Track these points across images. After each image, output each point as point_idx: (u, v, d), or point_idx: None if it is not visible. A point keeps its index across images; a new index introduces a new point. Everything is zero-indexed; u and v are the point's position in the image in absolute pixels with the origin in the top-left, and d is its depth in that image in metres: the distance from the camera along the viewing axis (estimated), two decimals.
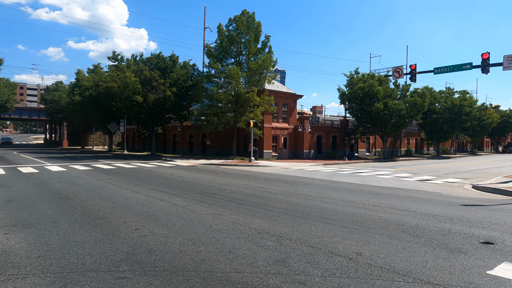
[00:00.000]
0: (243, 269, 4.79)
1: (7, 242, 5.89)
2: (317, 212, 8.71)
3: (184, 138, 41.48)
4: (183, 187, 13.09)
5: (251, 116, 29.88)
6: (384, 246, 5.89)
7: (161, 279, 4.42)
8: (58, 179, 15.02)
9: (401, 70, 34.88)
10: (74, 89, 46.10)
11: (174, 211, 8.59)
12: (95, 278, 4.45)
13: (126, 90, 32.13)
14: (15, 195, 10.66)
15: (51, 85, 62.50)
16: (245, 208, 9.13)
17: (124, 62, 39.36)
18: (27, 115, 68.61)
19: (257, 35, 31.80)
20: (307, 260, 5.16)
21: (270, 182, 15.28)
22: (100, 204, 9.33)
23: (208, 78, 33.03)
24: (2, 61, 35.13)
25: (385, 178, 17.84)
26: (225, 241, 6.08)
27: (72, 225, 7.05)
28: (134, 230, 6.71)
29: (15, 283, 4.29)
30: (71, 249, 5.57)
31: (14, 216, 7.84)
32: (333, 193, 12.31)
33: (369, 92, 35.76)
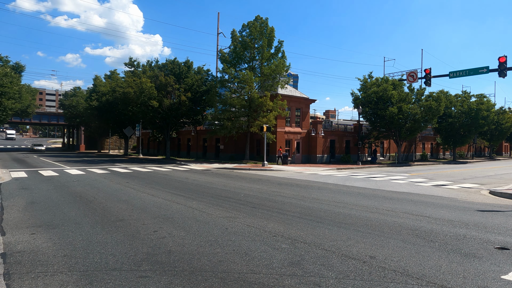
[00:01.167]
0: (259, 270, 4.95)
1: (34, 242, 6.21)
2: (331, 216, 8.80)
3: (198, 142, 41.98)
4: (198, 190, 13.34)
5: (264, 120, 30.08)
6: (398, 250, 5.95)
7: (180, 279, 4.61)
8: (77, 182, 15.50)
9: (415, 74, 34.51)
10: (91, 95, 47.32)
11: (191, 214, 8.81)
12: (119, 276, 4.68)
13: (142, 95, 32.82)
14: (38, 197, 11.10)
15: (69, 91, 64.28)
16: (260, 211, 9.28)
17: (140, 68, 40.23)
18: (46, 120, 70.64)
19: (270, 40, 32.09)
20: (321, 262, 5.28)
21: (283, 186, 15.39)
22: (119, 207, 9.64)
23: (221, 83, 33.45)
24: (24, 68, 36.42)
25: (400, 183, 17.71)
26: (241, 243, 6.25)
27: (93, 226, 7.34)
28: (153, 232, 6.95)
29: (44, 280, 4.55)
30: (94, 249, 5.83)
31: (39, 217, 8.20)
32: (346, 197, 12.34)
33: (383, 96, 35.50)
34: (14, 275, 4.67)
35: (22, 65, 36.60)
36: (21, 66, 36.43)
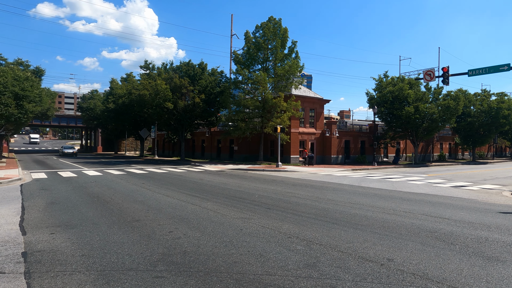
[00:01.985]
0: (274, 272, 4.91)
1: (54, 241, 6.34)
2: (347, 218, 8.67)
3: (212, 143, 42.22)
4: (213, 191, 13.39)
5: (278, 121, 30.00)
6: (417, 253, 5.80)
7: (196, 279, 4.62)
8: (95, 183, 15.79)
9: (432, 72, 33.84)
10: (108, 97, 48.26)
11: (205, 214, 8.84)
12: (135, 276, 4.72)
13: (157, 98, 33.25)
14: (57, 198, 11.36)
15: (87, 94, 65.73)
16: (274, 212, 9.24)
17: (155, 70, 40.77)
18: (65, 122, 72.40)
19: (283, 41, 32.01)
20: (338, 264, 5.20)
21: (298, 187, 15.29)
22: (135, 207, 9.76)
23: (235, 85, 33.56)
24: (44, 72, 37.47)
25: (417, 184, 17.34)
26: (256, 244, 6.22)
27: (110, 227, 7.45)
28: (168, 233, 6.99)
29: (63, 279, 4.63)
30: (111, 249, 5.90)
31: (58, 218, 8.38)
32: (362, 199, 12.15)
33: (399, 96, 34.90)
34: (34, 274, 4.77)
35: (42, 69, 37.68)
36: (41, 70, 37.50)
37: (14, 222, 7.82)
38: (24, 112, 27.32)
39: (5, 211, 9.08)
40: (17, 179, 16.49)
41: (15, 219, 8.19)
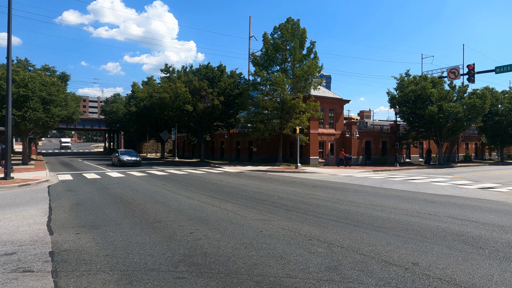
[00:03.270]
0: (295, 274, 4.85)
1: (79, 241, 6.52)
2: (369, 220, 8.49)
3: (231, 145, 42.44)
4: (232, 193, 13.43)
5: (297, 122, 29.82)
6: (443, 257, 5.60)
7: (216, 281, 4.63)
8: (118, 184, 16.17)
9: (457, 70, 32.72)
10: (130, 101, 49.40)
11: (225, 216, 8.87)
12: (157, 277, 4.78)
13: (177, 100, 33.75)
14: (82, 199, 11.69)
15: (110, 97, 67.59)
16: (294, 214, 9.16)
17: (175, 73, 41.42)
18: (89, 125, 74.73)
19: (302, 42, 31.83)
20: (360, 268, 5.09)
21: (318, 189, 15.12)
22: (157, 208, 9.92)
23: (254, 86, 33.61)
24: (69, 77, 38.82)
25: (442, 186, 16.81)
26: (276, 246, 6.18)
27: (133, 227, 7.59)
28: (189, 234, 7.06)
29: (88, 278, 4.75)
30: (133, 249, 6.01)
31: (83, 218, 8.62)
32: (384, 200, 11.89)
33: (421, 95, 33.98)
34: (61, 273, 4.92)
35: (68, 75, 39.03)
36: (66, 75, 38.85)
37: (42, 222, 8.10)
38: (51, 116, 28.36)
39: (33, 212, 9.42)
40: (45, 180, 17.09)
41: (43, 219, 8.48)
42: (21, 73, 27.39)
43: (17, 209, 9.76)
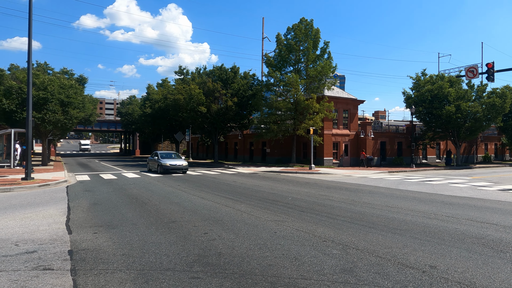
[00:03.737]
0: (310, 276, 4.83)
1: (97, 240, 6.65)
2: (384, 222, 8.37)
3: (244, 146, 42.54)
4: (246, 193, 13.46)
5: (310, 123, 29.66)
6: (462, 260, 5.47)
7: (231, 281, 4.64)
8: (133, 185, 16.43)
9: (475, 69, 31.96)
10: (145, 102, 50.16)
11: (239, 216, 8.90)
12: (172, 276, 4.83)
13: (191, 102, 34.08)
14: (99, 199, 11.93)
15: (125, 99, 68.80)
16: (308, 215, 9.11)
17: (189, 75, 41.84)
18: (105, 127, 76.16)
19: (315, 42, 31.65)
20: (376, 270, 5.02)
21: (332, 190, 15.00)
22: (171, 209, 10.03)
23: (267, 87, 33.62)
24: (87, 80, 39.69)
25: (460, 187, 16.41)
26: (290, 247, 6.16)
27: (148, 227, 7.70)
28: (203, 234, 7.11)
29: (105, 277, 4.84)
30: (149, 249, 6.10)
31: (100, 218, 8.79)
32: (400, 202, 11.69)
33: (438, 95, 33.29)
34: (79, 271, 5.03)
35: (85, 77, 39.91)
36: (84, 78, 39.74)
37: (61, 222, 8.31)
38: (69, 118, 29.06)
39: (53, 211, 9.67)
40: (63, 181, 17.52)
41: (62, 218, 8.70)
42: (41, 76, 28.18)
43: (37, 209, 10.04)
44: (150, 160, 25.73)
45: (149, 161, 25.80)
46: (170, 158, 24.31)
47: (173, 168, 22.86)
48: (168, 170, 22.77)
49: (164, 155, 24.65)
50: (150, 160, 25.61)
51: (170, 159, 23.87)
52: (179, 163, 23.19)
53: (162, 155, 24.50)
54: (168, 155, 24.87)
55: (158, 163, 23.41)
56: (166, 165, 22.71)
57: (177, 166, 22.99)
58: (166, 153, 25.37)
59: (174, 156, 24.98)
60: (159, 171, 23.13)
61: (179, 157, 25.10)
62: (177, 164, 23.07)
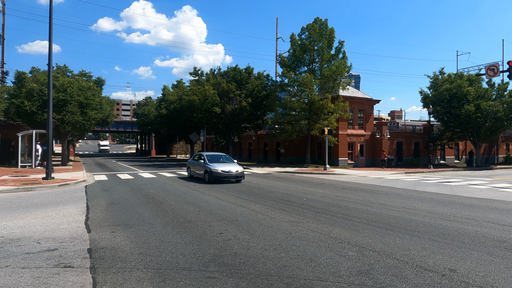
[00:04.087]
0: (326, 277, 4.79)
1: (115, 239, 6.78)
2: (401, 224, 8.23)
3: (258, 146, 42.57)
4: (261, 194, 13.47)
5: (325, 123, 29.44)
6: (483, 264, 5.33)
7: (246, 282, 4.66)
8: (150, 185, 16.67)
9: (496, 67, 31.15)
10: (161, 103, 50.85)
11: (254, 217, 8.91)
12: (188, 276, 4.88)
13: (205, 102, 34.35)
14: (117, 199, 12.16)
15: (141, 100, 69.84)
16: (324, 216, 9.05)
17: (203, 76, 42.17)
18: (122, 128, 77.57)
19: (330, 42, 31.40)
20: (393, 273, 4.94)
21: (347, 191, 14.85)
22: (187, 209, 10.13)
23: (281, 87, 33.57)
24: (104, 82, 40.50)
25: (480, 189, 15.98)
26: (306, 248, 6.13)
27: (165, 227, 7.80)
28: (219, 234, 7.15)
29: (123, 275, 4.93)
30: (166, 248, 6.18)
31: (118, 217, 8.96)
32: (418, 203, 11.47)
33: (457, 94, 32.50)
34: (98, 269, 5.14)
35: (103, 79, 40.74)
36: (102, 80, 40.58)
37: (80, 220, 8.51)
38: (88, 119, 29.74)
39: (72, 210, 9.92)
40: (82, 180, 17.94)
41: (81, 217, 8.91)
42: (60, 78, 28.93)
43: (57, 208, 10.31)
44: (192, 163, 20.38)
45: (191, 165, 20.48)
46: (220, 162, 19.13)
47: (227, 176, 17.45)
48: (220, 178, 17.35)
49: (212, 158, 19.40)
50: (193, 163, 20.24)
51: (220, 163, 18.61)
52: (233, 169, 17.74)
53: (209, 158, 19.16)
54: (216, 158, 19.68)
55: (206, 168, 17.87)
56: (217, 171, 17.36)
57: (232, 174, 17.57)
58: (214, 155, 20.06)
59: (224, 159, 19.73)
60: (207, 180, 17.62)
61: (230, 161, 19.84)
62: (231, 170, 17.60)
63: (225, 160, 19.60)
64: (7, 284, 4.54)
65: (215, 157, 19.71)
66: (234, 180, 18.09)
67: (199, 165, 19.14)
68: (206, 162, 18.54)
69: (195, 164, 19.79)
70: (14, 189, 14.13)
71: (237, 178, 17.95)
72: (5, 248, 6.15)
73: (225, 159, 19.85)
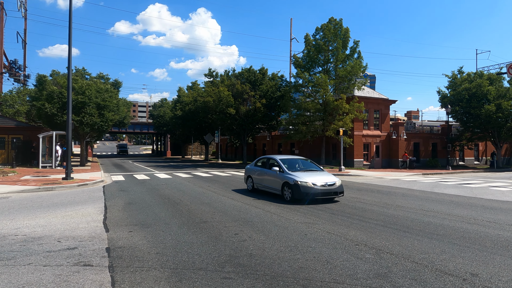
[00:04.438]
0: (343, 280, 4.74)
1: (132, 239, 6.89)
2: (419, 226, 8.06)
3: (273, 147, 42.51)
4: (275, 195, 13.41)
5: (340, 124, 29.16)
6: (507, 269, 5.16)
7: (262, 283, 4.65)
8: (165, 185, 16.88)
9: None
10: (176, 105, 51.42)
11: (269, 218, 8.90)
12: (205, 276, 4.91)
13: (220, 104, 34.55)
14: (134, 199, 12.36)
15: (157, 102, 70.83)
16: (339, 218, 8.96)
17: (218, 77, 42.45)
18: (138, 129, 78.84)
19: (345, 42, 31.10)
20: (412, 276, 4.85)
21: (363, 192, 14.65)
22: (202, 209, 10.20)
23: (295, 88, 33.44)
24: (121, 84, 41.30)
25: (502, 191, 15.50)
26: (322, 250, 6.08)
27: (181, 227, 7.88)
28: (234, 235, 7.17)
29: (141, 274, 5.00)
30: (182, 248, 6.23)
31: (135, 217, 9.10)
32: (436, 205, 11.21)
33: (476, 93, 31.65)
34: (117, 268, 5.23)
35: (120, 82, 41.54)
36: (119, 82, 41.38)
37: (99, 220, 8.68)
38: (105, 120, 30.35)
39: (91, 210, 10.13)
40: (100, 181, 18.31)
41: (100, 217, 9.09)
42: (79, 81, 29.64)
43: (77, 207, 10.56)
44: (255, 171, 14.16)
45: (253, 173, 14.23)
46: (303, 169, 12.94)
47: (325, 192, 11.47)
48: (312, 195, 11.29)
49: (291, 164, 13.03)
50: (258, 171, 13.96)
51: (305, 172, 12.50)
52: (329, 181, 11.75)
53: (286, 163, 12.86)
54: (293, 163, 13.22)
55: (286, 179, 11.95)
56: (307, 185, 11.32)
57: (332, 189, 11.64)
58: (290, 160, 13.46)
59: (307, 166, 13.44)
60: (289, 197, 11.72)
61: (316, 167, 13.52)
62: (327, 182, 11.62)
63: (308, 167, 13.26)
64: (30, 281, 4.68)
65: (292, 162, 13.18)
66: (333, 198, 12.16)
67: (270, 175, 12.86)
68: (284, 170, 12.20)
69: (263, 172, 13.44)
70: (35, 188, 14.55)
71: (336, 193, 11.85)
72: (27, 246, 6.34)
73: (306, 165, 13.49)
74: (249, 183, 14.59)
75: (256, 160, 14.94)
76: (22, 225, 8.10)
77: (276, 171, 12.58)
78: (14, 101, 39.51)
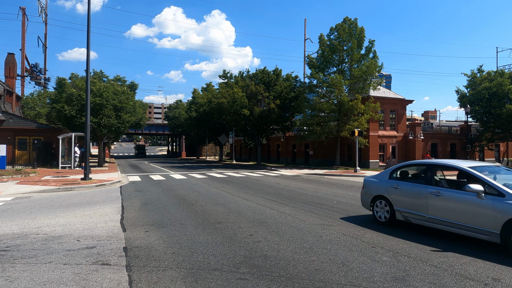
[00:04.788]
0: (359, 283, 4.68)
1: (148, 239, 6.99)
2: (437, 229, 7.86)
3: (287, 148, 42.39)
4: (290, 196, 13.39)
5: (355, 124, 28.85)
6: None
7: (277, 284, 4.64)
8: (181, 186, 17.05)
9: None
10: (191, 106, 51.95)
11: (284, 219, 8.87)
12: (220, 277, 4.93)
13: (234, 105, 34.70)
14: (150, 199, 12.54)
15: (172, 104, 71.74)
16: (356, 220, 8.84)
17: (232, 79, 42.65)
18: (154, 130, 79.99)
19: (360, 41, 30.77)
20: (431, 280, 4.74)
21: None
22: (217, 210, 10.26)
23: (310, 89, 33.27)
24: (137, 86, 41.99)
25: None
26: (337, 252, 6.02)
27: (196, 227, 7.94)
28: (249, 236, 7.18)
29: (157, 274, 5.06)
30: (197, 248, 6.28)
31: (151, 217, 9.23)
32: None
33: (497, 92, 30.77)
34: (133, 267, 5.32)
35: (136, 84, 42.25)
36: (135, 84, 42.11)
37: (116, 220, 8.85)
38: (122, 122, 30.92)
39: (109, 210, 10.33)
40: (117, 181, 18.65)
41: (117, 217, 9.26)
42: (97, 84, 30.31)
43: (95, 207, 10.78)
44: (403, 189, 7.94)
45: (398, 194, 7.99)
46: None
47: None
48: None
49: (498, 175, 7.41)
50: (410, 189, 7.78)
51: None
52: None
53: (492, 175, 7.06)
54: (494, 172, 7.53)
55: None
56: None
57: None
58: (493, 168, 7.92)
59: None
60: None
61: None
62: None
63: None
64: (51, 279, 4.81)
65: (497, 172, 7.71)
66: None
67: (456, 200, 6.76)
68: (500, 190, 6.13)
69: (431, 193, 7.27)
70: (55, 188, 14.94)
71: None
72: (48, 245, 6.51)
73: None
74: (381, 209, 8.42)
75: (396, 167, 8.59)
76: (43, 224, 8.33)
77: (480, 192, 6.27)
78: (35, 104, 40.74)
